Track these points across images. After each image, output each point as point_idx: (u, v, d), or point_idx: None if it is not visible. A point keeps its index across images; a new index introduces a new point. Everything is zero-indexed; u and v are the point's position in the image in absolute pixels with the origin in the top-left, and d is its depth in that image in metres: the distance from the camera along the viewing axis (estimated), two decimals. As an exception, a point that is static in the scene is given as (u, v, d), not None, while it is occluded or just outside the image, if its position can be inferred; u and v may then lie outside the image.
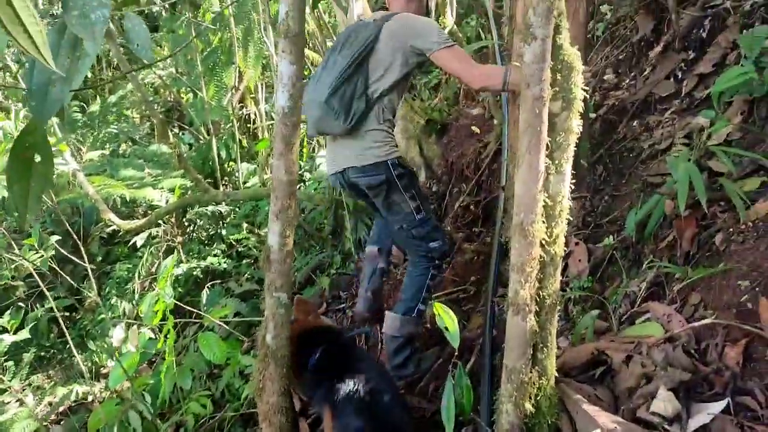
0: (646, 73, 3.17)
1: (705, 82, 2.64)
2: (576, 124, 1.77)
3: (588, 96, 2.95)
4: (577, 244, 2.66)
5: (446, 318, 2.00)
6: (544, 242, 1.75)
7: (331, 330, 2.73)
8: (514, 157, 3.05)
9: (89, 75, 9.71)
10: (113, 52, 5.17)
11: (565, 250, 2.61)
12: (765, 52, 2.20)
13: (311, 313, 2.79)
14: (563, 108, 1.77)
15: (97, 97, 9.62)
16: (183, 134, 9.29)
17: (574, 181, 1.89)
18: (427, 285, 2.81)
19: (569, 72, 1.74)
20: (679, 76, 2.88)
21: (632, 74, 3.29)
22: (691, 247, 2.01)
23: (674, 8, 2.77)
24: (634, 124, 2.90)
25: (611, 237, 2.56)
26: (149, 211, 7.00)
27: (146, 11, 8.93)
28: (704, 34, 2.79)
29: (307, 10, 4.81)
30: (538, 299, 1.77)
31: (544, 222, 1.74)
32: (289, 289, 2.39)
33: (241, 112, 8.27)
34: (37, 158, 1.39)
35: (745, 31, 2.48)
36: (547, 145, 1.71)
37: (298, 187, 2.34)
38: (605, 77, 3.41)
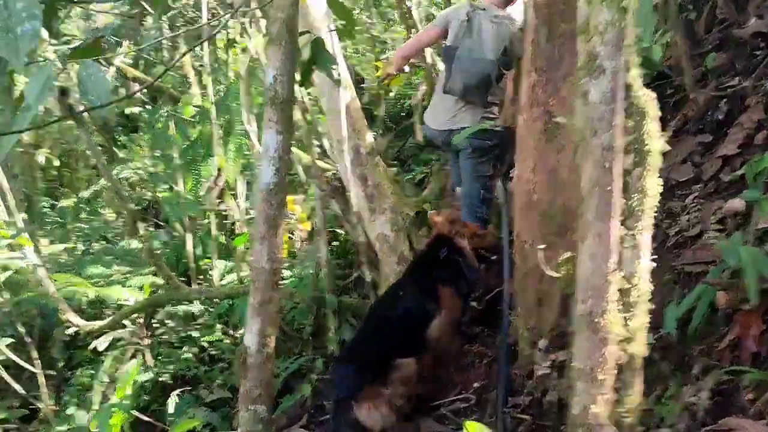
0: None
1: (730, 164, 2.42)
2: (654, 185, 1.45)
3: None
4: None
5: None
6: (620, 338, 1.38)
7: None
8: (521, 248, 2.76)
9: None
10: (84, 140, 4.91)
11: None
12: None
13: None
14: (636, 163, 1.45)
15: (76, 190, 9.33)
16: (158, 232, 8.95)
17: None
18: None
19: (641, 118, 1.42)
20: (696, 160, 2.67)
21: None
22: (760, 346, 1.68)
23: (692, 87, 2.60)
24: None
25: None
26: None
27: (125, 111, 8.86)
28: (721, 116, 2.61)
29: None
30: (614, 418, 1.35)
31: (619, 310, 1.38)
32: (269, 400, 1.98)
33: (218, 208, 7.99)
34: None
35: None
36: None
37: (278, 282, 2.18)
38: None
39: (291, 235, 6.46)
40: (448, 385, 3.08)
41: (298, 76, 2.06)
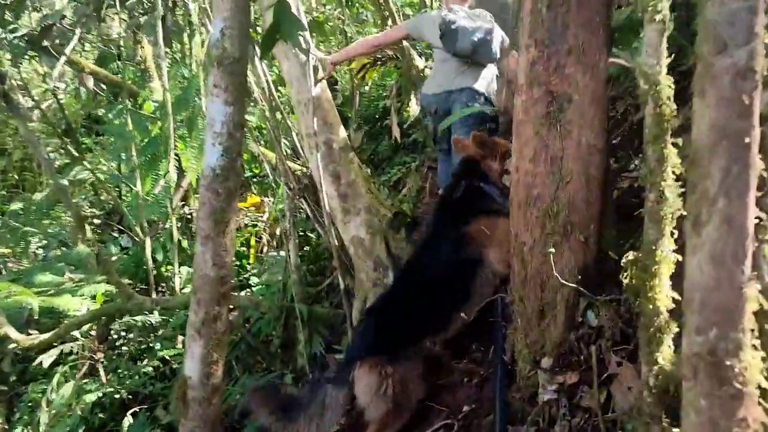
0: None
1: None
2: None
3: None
4: (620, 364, 1.94)
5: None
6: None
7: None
8: (520, 250, 2.39)
9: None
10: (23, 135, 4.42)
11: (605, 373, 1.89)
12: None
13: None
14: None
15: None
16: (120, 237, 8.44)
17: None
18: None
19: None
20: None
21: (640, 157, 2.76)
22: None
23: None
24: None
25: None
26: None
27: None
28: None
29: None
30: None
31: (756, 347, 0.86)
32: (216, 443, 1.56)
33: (182, 211, 7.51)
34: None
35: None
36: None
37: (243, 292, 1.79)
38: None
39: (258, 239, 6.03)
40: (431, 410, 2.69)
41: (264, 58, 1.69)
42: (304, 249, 6.03)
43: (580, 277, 2.19)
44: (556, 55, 2.19)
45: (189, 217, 7.58)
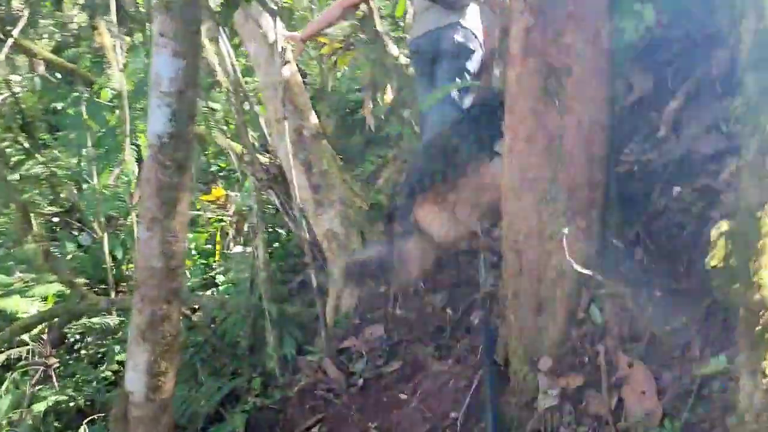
0: (662, 132, 2.43)
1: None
2: None
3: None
4: (631, 365, 1.73)
5: None
6: None
7: None
8: (514, 240, 2.16)
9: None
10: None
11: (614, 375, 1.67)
12: None
13: None
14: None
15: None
16: (80, 235, 8.01)
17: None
18: None
19: None
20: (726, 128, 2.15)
21: (644, 133, 2.56)
22: None
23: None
24: (676, 191, 2.10)
25: (683, 358, 1.67)
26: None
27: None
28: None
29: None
30: None
31: None
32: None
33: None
34: None
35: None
36: None
37: (208, 291, 1.52)
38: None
39: (224, 235, 5.70)
40: (414, 417, 2.45)
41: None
42: (274, 245, 5.74)
43: (581, 268, 1.97)
44: (553, 23, 1.98)
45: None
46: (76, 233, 8.15)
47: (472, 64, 3.39)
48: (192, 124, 1.25)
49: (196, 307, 4.91)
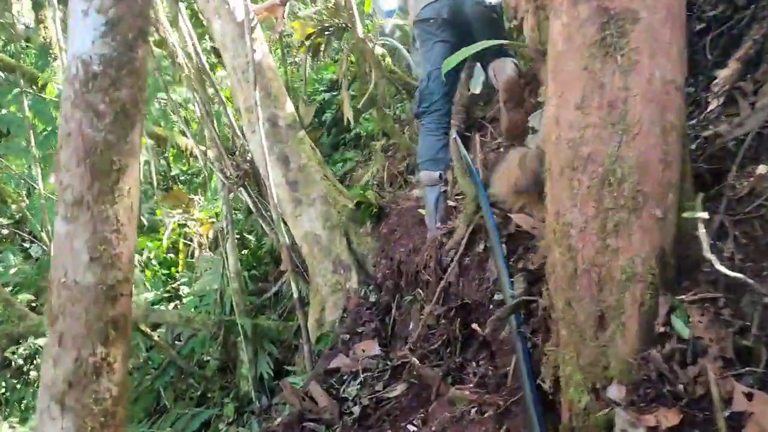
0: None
1: None
2: None
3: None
4: (750, 396, 1.30)
5: None
6: None
7: None
8: (564, 234, 1.73)
9: None
10: None
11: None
12: None
13: None
14: None
15: None
16: (31, 246, 7.35)
17: None
18: None
19: None
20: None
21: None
22: None
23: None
24: (763, 169, 1.69)
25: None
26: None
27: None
28: None
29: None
30: None
31: None
32: None
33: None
34: None
35: None
36: None
37: (172, 305, 1.07)
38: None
39: (189, 242, 5.15)
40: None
41: None
42: (242, 252, 5.22)
43: (657, 268, 1.55)
44: (612, -44, 1.55)
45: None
46: (25, 245, 7.51)
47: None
48: (143, 44, 0.77)
49: (158, 322, 4.37)
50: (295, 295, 3.26)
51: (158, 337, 3.93)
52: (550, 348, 1.76)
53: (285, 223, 3.45)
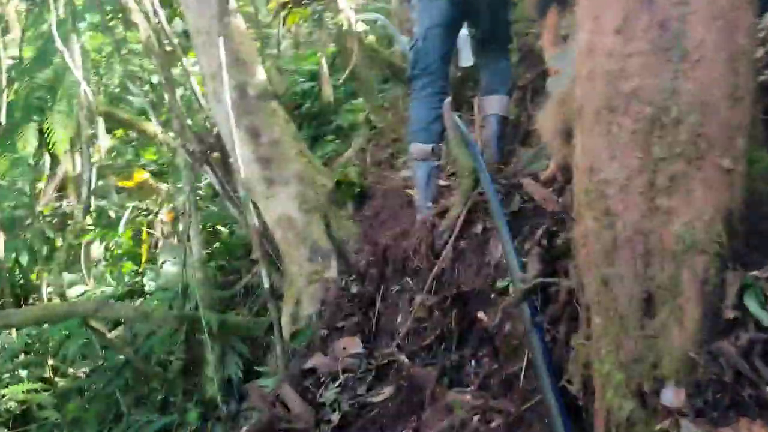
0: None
1: None
2: None
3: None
4: None
5: None
6: None
7: None
8: (598, 194, 1.37)
9: None
10: None
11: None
12: None
13: None
14: None
15: None
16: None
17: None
18: None
19: None
20: None
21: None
22: None
23: None
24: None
25: None
26: None
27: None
28: None
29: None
30: None
31: None
32: None
33: (59, 204, 6.04)
34: None
35: None
36: None
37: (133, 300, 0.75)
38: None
39: (150, 231, 4.72)
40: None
41: None
42: (215, 245, 4.82)
43: (723, 235, 1.21)
44: None
45: (66, 211, 6.12)
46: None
47: None
48: None
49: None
50: (266, 287, 2.87)
51: (112, 334, 3.50)
52: (578, 341, 1.39)
53: (255, 206, 3.07)
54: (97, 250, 5.62)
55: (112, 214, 5.47)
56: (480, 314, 1.83)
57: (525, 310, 1.65)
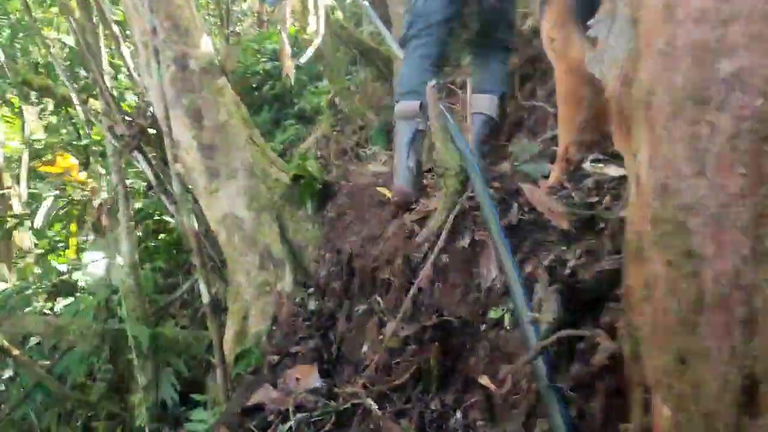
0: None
1: None
2: None
3: None
4: None
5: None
6: None
7: None
8: (658, 177, 0.96)
9: None
10: None
11: None
12: None
13: None
14: None
15: None
16: None
17: None
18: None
19: None
20: None
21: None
22: None
23: None
24: None
25: None
26: None
27: None
28: None
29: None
30: None
31: None
32: None
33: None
34: None
35: None
36: None
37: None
38: None
39: (81, 224, 4.15)
40: None
41: None
42: (158, 237, 4.29)
43: None
44: None
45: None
46: None
47: None
48: None
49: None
50: (206, 300, 2.39)
51: (18, 350, 2.94)
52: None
53: (196, 201, 2.57)
54: (26, 241, 5.01)
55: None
56: (484, 379, 1.40)
57: (538, 368, 1.23)
